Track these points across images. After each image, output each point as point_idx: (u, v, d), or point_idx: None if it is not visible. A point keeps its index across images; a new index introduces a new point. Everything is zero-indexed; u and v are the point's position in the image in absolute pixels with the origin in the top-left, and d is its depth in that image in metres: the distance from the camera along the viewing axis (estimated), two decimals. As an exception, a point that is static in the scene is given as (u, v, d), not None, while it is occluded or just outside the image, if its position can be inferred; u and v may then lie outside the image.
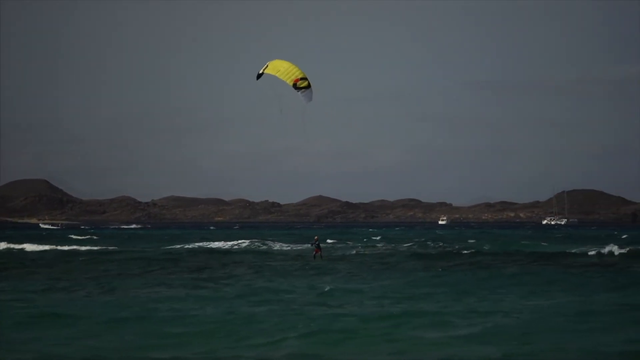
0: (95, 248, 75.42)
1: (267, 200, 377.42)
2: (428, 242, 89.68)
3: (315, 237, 58.56)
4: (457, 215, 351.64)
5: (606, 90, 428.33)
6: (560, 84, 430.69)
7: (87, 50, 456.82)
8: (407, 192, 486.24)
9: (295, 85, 38.20)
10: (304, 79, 38.25)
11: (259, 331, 24.96)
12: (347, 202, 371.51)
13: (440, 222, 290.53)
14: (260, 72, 38.65)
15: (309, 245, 60.90)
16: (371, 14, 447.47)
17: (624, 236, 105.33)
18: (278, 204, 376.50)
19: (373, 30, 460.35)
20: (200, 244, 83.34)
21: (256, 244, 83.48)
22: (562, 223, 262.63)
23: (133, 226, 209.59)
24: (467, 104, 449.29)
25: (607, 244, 68.86)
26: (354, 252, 69.49)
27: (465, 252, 65.61)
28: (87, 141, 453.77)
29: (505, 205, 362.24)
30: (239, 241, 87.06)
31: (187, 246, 78.74)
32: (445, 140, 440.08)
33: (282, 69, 38.38)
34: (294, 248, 76.68)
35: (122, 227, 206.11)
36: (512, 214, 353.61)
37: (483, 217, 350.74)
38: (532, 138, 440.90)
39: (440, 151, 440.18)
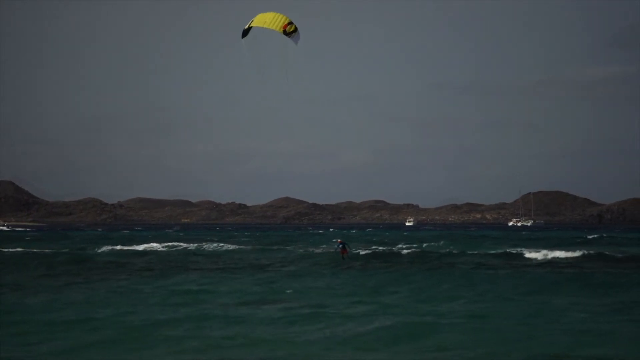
0: (38, 250, 74.67)
1: (233, 202, 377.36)
2: (385, 243, 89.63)
3: (339, 240, 64.44)
4: (424, 217, 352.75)
5: (571, 92, 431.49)
6: (526, 86, 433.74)
7: (53, 52, 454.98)
8: (374, 193, 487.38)
9: (285, 32, 38.33)
10: (291, 23, 38.63)
11: (164, 337, 24.29)
12: (314, 204, 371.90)
13: (407, 224, 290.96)
14: (246, 27, 38.52)
15: (335, 248, 63.31)
16: (342, 14, 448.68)
17: (578, 240, 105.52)
18: (245, 205, 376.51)
19: (342, 31, 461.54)
20: (153, 244, 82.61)
21: (206, 245, 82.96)
22: (528, 224, 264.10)
23: (100, 230, 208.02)
24: (435, 106, 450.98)
25: (561, 246, 69.09)
26: (301, 251, 70.13)
27: (406, 251, 65.78)
28: (54, 142, 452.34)
29: (471, 207, 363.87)
30: (193, 243, 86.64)
31: (137, 247, 78.08)
32: (413, 142, 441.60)
33: (268, 20, 38.65)
34: (241, 248, 76.97)
35: (85, 228, 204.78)
36: (479, 216, 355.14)
37: (450, 219, 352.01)
38: (499, 140, 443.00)
39: (407, 152, 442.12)
